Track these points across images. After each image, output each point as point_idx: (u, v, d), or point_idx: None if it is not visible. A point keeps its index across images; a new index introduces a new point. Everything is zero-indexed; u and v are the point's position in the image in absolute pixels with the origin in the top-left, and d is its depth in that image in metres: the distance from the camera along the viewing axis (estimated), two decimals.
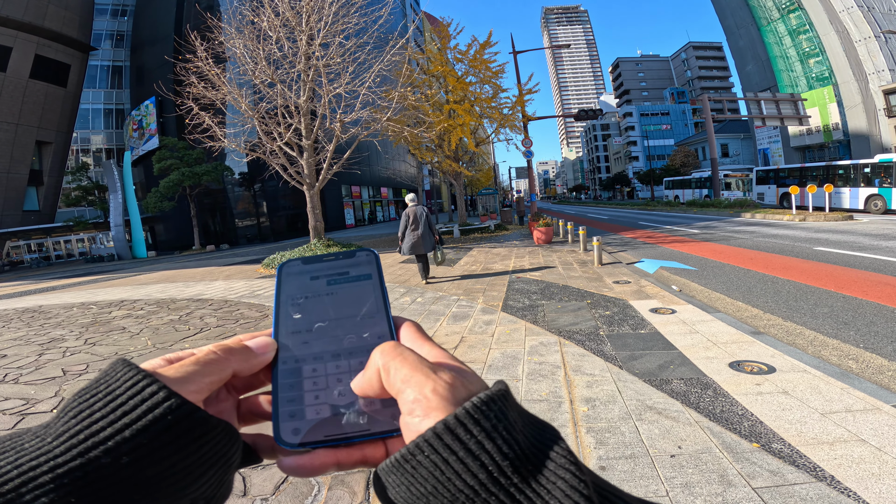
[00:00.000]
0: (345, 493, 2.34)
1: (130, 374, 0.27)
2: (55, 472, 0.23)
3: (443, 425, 0.26)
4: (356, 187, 47.14)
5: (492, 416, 0.26)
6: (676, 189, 39.64)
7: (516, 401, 0.29)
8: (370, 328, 0.36)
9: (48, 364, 5.03)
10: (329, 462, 0.32)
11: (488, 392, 0.28)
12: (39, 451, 0.24)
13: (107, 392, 0.27)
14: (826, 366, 3.62)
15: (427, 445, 0.26)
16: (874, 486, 2.14)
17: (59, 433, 0.25)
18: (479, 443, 0.25)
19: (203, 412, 0.28)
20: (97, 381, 0.28)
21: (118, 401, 0.26)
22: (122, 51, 43.53)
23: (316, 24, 12.36)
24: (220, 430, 0.28)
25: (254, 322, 6.45)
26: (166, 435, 0.26)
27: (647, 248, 12.34)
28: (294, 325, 0.37)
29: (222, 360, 0.32)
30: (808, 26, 39.88)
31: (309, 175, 13.16)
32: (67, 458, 0.24)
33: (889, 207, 17.89)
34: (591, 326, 5.06)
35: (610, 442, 2.68)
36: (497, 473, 0.25)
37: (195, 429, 0.27)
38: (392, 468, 0.27)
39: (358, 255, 0.41)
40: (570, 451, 0.26)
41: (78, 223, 33.49)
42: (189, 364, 0.30)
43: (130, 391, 0.26)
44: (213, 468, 0.28)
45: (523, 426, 0.27)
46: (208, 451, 0.27)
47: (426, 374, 0.29)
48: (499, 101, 20.07)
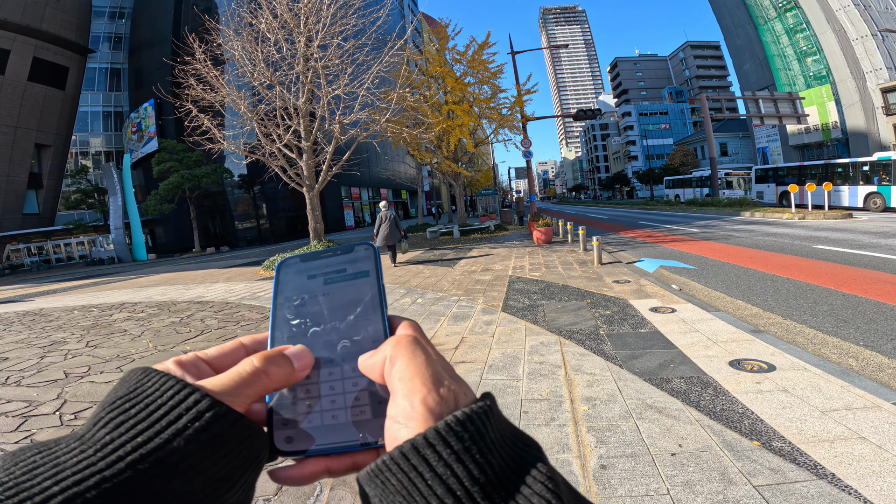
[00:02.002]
0: (347, 492, 2.34)
1: (170, 384, 0.27)
2: (102, 486, 0.22)
3: (410, 445, 0.25)
4: (356, 189, 47.15)
5: (465, 438, 0.25)
6: (677, 188, 39.63)
7: (502, 416, 0.28)
8: (365, 331, 0.35)
9: (50, 367, 5.04)
10: (319, 470, 0.31)
11: (465, 411, 0.26)
12: (81, 465, 0.23)
13: (148, 401, 0.26)
14: (826, 364, 3.63)
15: (393, 463, 0.25)
16: (875, 483, 2.14)
17: (102, 444, 0.24)
18: (448, 465, 0.24)
19: (246, 419, 0.27)
20: (131, 391, 0.27)
21: (162, 410, 0.25)
22: (120, 53, 43.48)
23: (314, 25, 12.37)
24: (257, 435, 0.28)
25: (255, 323, 6.45)
26: (212, 442, 0.25)
27: (646, 247, 12.35)
28: (289, 329, 0.36)
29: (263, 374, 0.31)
30: (804, 25, 39.96)
31: (308, 177, 13.17)
32: (115, 470, 0.23)
33: (888, 205, 17.90)
34: (591, 326, 5.07)
35: (611, 441, 2.68)
36: (465, 498, 0.23)
37: (239, 434, 0.27)
38: (367, 478, 0.26)
39: (357, 249, 0.40)
40: (550, 475, 0.25)
41: (78, 226, 33.47)
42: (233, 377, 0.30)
43: (173, 400, 0.26)
44: (248, 471, 0.28)
45: (504, 446, 0.26)
46: (247, 455, 0.27)
47: (424, 381, 0.28)
48: (497, 102, 20.10)
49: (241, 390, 0.29)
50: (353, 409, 0.32)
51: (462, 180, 22.75)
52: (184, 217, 33.86)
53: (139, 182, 39.10)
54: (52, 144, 35.68)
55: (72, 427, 3.40)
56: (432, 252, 14.18)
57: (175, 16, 38.41)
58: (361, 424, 0.32)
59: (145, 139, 39.22)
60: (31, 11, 32.45)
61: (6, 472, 0.23)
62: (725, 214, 21.85)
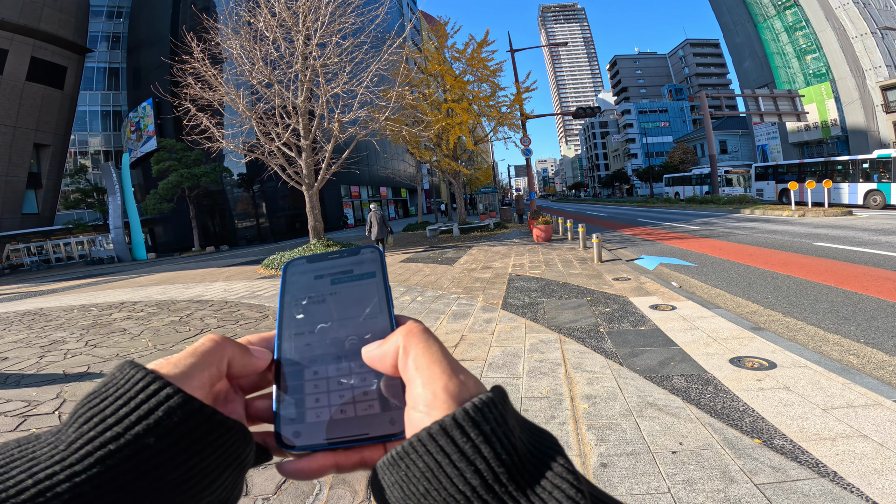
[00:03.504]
0: (346, 491, 2.33)
1: (140, 376, 0.26)
2: (73, 480, 0.22)
3: (438, 426, 0.25)
4: (355, 187, 47.12)
5: (491, 420, 0.25)
6: (677, 186, 39.61)
7: (513, 406, 0.29)
8: (372, 329, 0.36)
9: (49, 366, 5.02)
10: (328, 465, 0.31)
11: (489, 394, 0.27)
12: (54, 460, 0.23)
13: (117, 396, 0.26)
14: (827, 361, 3.62)
15: (421, 445, 0.25)
16: (877, 481, 2.13)
17: (72, 440, 0.24)
18: (476, 447, 0.24)
19: (220, 415, 0.27)
20: (106, 385, 0.27)
21: (131, 404, 0.25)
22: (118, 52, 43.40)
23: (312, 24, 12.34)
24: (236, 432, 0.28)
25: (254, 322, 6.44)
26: (183, 438, 0.25)
27: (646, 244, 12.34)
28: (297, 327, 0.37)
29: (217, 348, 0.31)
30: (804, 23, 39.91)
31: (308, 175, 13.15)
32: (85, 465, 0.23)
33: (888, 202, 17.90)
34: (591, 323, 5.06)
35: (611, 439, 2.67)
36: (492, 480, 0.24)
37: (212, 431, 0.26)
38: (388, 465, 0.27)
39: (363, 252, 0.41)
40: (569, 460, 0.26)
41: (77, 226, 33.43)
42: (186, 357, 0.29)
43: (143, 394, 0.25)
44: (228, 470, 0.28)
45: (521, 432, 0.27)
46: (223, 452, 0.27)
47: (443, 368, 0.29)
48: (497, 100, 20.07)
49: (195, 371, 0.29)
50: (362, 403, 0.33)
51: (461, 178, 22.75)
52: (183, 216, 33.84)
53: (138, 181, 39.07)
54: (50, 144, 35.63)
55: None
56: (432, 250, 14.17)
57: (173, 15, 38.36)
58: (370, 418, 0.32)
59: (144, 138, 39.17)
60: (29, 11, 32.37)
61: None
62: (725, 212, 21.84)
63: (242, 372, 0.33)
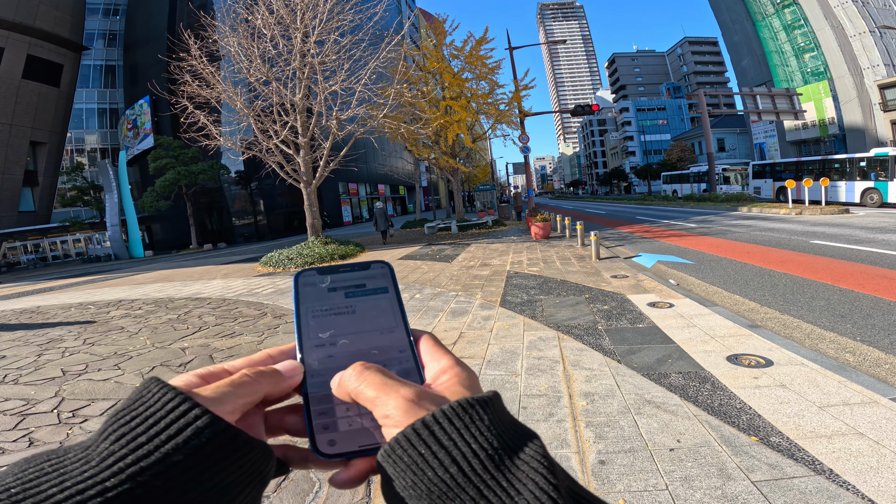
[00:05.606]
0: (346, 490, 2.34)
1: (170, 396, 0.28)
2: (104, 496, 0.23)
3: (420, 422, 0.28)
4: (353, 184, 47.03)
5: (470, 415, 0.28)
6: (674, 183, 39.63)
7: (505, 409, 0.31)
8: (391, 341, 0.38)
9: (47, 364, 5.02)
10: (366, 469, 0.33)
11: (473, 396, 0.29)
12: (85, 475, 0.24)
13: (147, 414, 0.27)
14: (823, 359, 3.64)
15: (405, 440, 0.28)
16: (873, 479, 2.15)
17: (103, 456, 0.25)
18: (451, 439, 0.27)
19: (245, 435, 0.28)
20: (134, 402, 0.28)
21: (161, 423, 0.26)
22: (114, 50, 43.17)
23: (310, 21, 12.30)
24: (259, 450, 0.29)
25: (252, 320, 6.44)
26: (211, 457, 0.26)
27: (644, 242, 12.36)
28: (318, 339, 0.38)
29: (254, 382, 0.33)
30: (802, 21, 39.92)
31: (306, 172, 13.12)
32: (115, 482, 0.24)
33: (885, 201, 17.96)
34: (589, 321, 5.07)
35: (609, 436, 2.69)
36: (468, 470, 0.26)
37: (238, 450, 0.28)
38: (383, 458, 0.29)
39: (373, 267, 0.43)
40: (547, 454, 0.28)
41: (74, 223, 33.29)
42: (224, 385, 0.31)
43: (173, 414, 0.27)
44: (250, 486, 0.29)
45: (504, 430, 0.28)
46: (247, 469, 0.28)
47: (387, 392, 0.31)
48: (495, 97, 20.06)
49: (230, 399, 0.30)
50: None
51: (460, 175, 22.71)
52: (180, 214, 33.74)
53: (135, 179, 38.90)
54: (47, 142, 35.41)
55: (70, 425, 3.39)
56: (430, 247, 14.17)
57: (170, 12, 38.16)
58: None
59: (141, 136, 39.00)
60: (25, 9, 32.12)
61: (15, 477, 0.24)
62: (723, 210, 21.89)
63: (276, 397, 0.35)
